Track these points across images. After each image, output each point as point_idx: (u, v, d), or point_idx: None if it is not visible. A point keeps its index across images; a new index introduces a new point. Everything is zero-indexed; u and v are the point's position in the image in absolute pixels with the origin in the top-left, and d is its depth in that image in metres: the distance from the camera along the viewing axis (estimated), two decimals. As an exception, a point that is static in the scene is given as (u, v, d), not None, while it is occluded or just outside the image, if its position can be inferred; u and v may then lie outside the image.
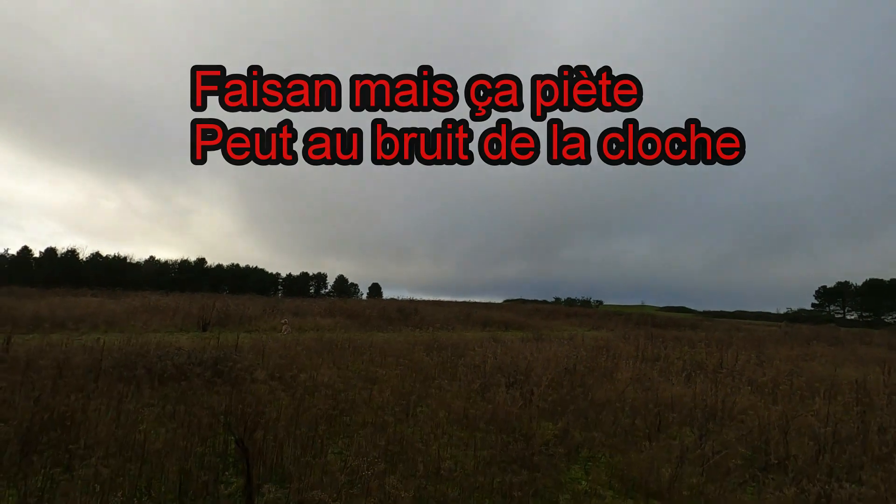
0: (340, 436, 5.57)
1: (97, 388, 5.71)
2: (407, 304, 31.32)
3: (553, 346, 12.38)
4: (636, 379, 8.84)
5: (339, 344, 11.70)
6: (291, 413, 5.81)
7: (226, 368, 7.09)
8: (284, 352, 10.26)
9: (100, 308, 17.37)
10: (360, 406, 6.51)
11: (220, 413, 5.22)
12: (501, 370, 8.69)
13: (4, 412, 4.80)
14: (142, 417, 5.05)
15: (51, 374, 5.74)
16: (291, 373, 7.90)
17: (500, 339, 14.92)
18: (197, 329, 15.18)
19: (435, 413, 6.29)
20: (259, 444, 4.47)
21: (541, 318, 30.66)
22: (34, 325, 13.15)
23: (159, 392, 5.98)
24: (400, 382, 7.82)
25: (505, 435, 5.55)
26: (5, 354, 7.79)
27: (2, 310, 15.23)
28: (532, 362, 9.39)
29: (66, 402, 4.85)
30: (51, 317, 14.21)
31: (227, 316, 17.84)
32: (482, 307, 39.42)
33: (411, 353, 10.54)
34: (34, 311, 15.03)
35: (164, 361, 7.11)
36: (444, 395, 7.17)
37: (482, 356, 9.76)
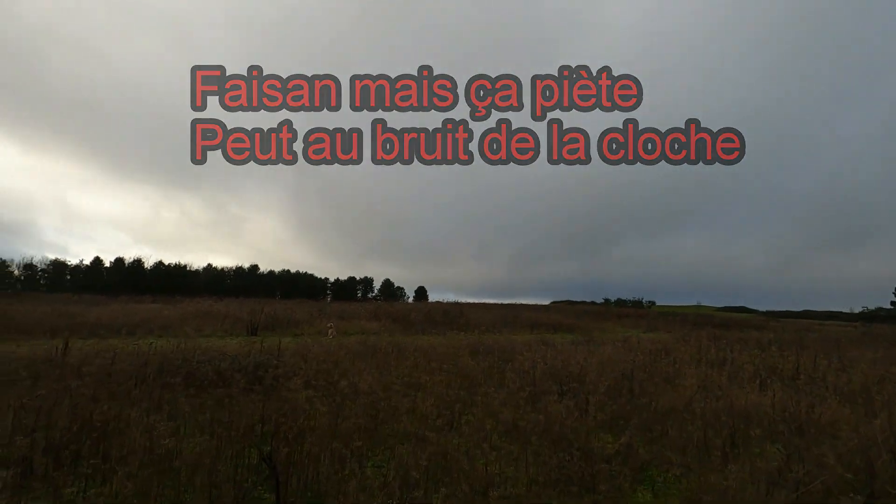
0: (381, 447, 5.24)
1: (138, 395, 5.65)
2: (452, 307, 31.00)
3: (606, 350, 11.64)
4: (703, 386, 8.03)
5: (382, 348, 11.46)
6: (329, 422, 5.53)
7: (266, 374, 6.93)
8: (327, 356, 10.10)
9: (156, 314, 18.06)
10: (401, 415, 6.16)
11: (257, 422, 4.99)
12: (552, 376, 8.13)
13: (49, 419, 4.75)
14: (178, 425, 4.90)
15: (94, 381, 5.73)
16: (332, 379, 7.67)
17: (549, 343, 14.26)
18: (246, 333, 15.44)
19: (481, 423, 5.84)
20: (293, 457, 4.18)
21: (591, 320, 29.52)
22: (95, 330, 13.73)
23: (198, 399, 5.86)
24: (444, 389, 7.42)
25: (560, 450, 5.02)
26: (62, 359, 8.01)
27: (70, 316, 16.09)
28: (585, 367, 8.76)
29: (106, 409, 4.77)
30: (111, 323, 14.84)
31: (275, 320, 18.11)
32: (529, 309, 38.57)
33: (456, 358, 10.14)
34: (97, 318, 15.77)
35: (206, 367, 7.05)
36: (490, 403, 6.71)
37: (531, 361, 9.21)
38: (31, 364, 7.36)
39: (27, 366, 7.14)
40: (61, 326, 13.66)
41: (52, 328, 13.44)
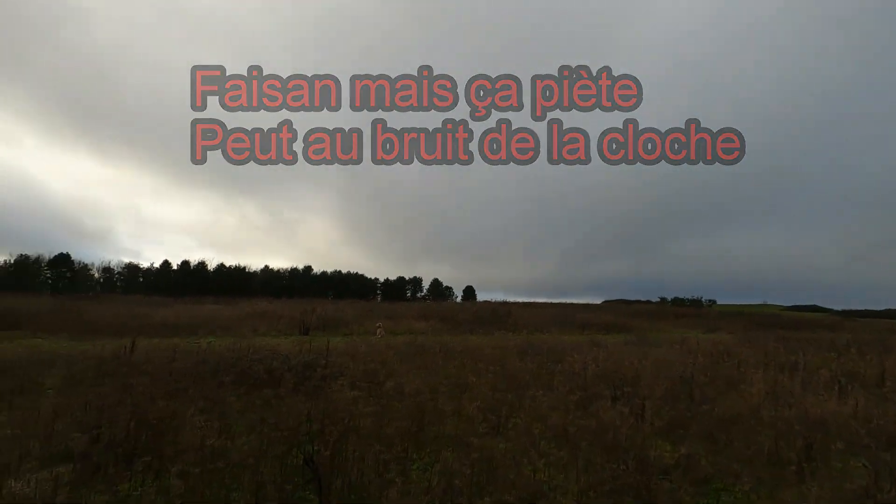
0: (426, 450, 5.15)
1: (192, 394, 5.86)
2: (500, 307, 30.69)
3: (662, 351, 11.07)
4: (772, 392, 7.42)
5: (429, 348, 11.43)
6: (375, 423, 5.51)
7: (314, 374, 7.03)
8: (375, 356, 10.18)
9: (216, 314, 18.95)
10: (447, 417, 6.05)
11: (303, 422, 5.03)
12: (604, 379, 7.78)
13: (108, 416, 4.99)
14: (229, 424, 5.03)
15: (153, 379, 6.00)
16: (378, 379, 7.69)
17: (600, 343, 13.75)
18: (298, 333, 15.90)
19: (529, 427, 5.63)
20: (337, 459, 4.17)
21: (645, 320, 28.34)
22: (160, 330, 14.56)
23: (248, 398, 6.00)
24: (490, 392, 7.26)
25: (613, 458, 4.75)
26: (129, 358, 8.50)
27: (139, 317, 17.18)
28: (639, 370, 8.33)
29: (162, 407, 4.95)
30: (175, 323, 15.69)
31: (326, 320, 18.55)
32: (580, 309, 37.57)
33: (503, 359, 9.94)
34: (163, 318, 16.73)
35: (258, 366, 7.24)
36: (538, 406, 6.49)
37: (581, 362, 8.87)
38: (100, 362, 7.85)
39: (96, 364, 7.62)
40: (131, 326, 14.58)
41: (123, 328, 14.38)
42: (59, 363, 7.88)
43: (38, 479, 3.25)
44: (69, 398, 5.66)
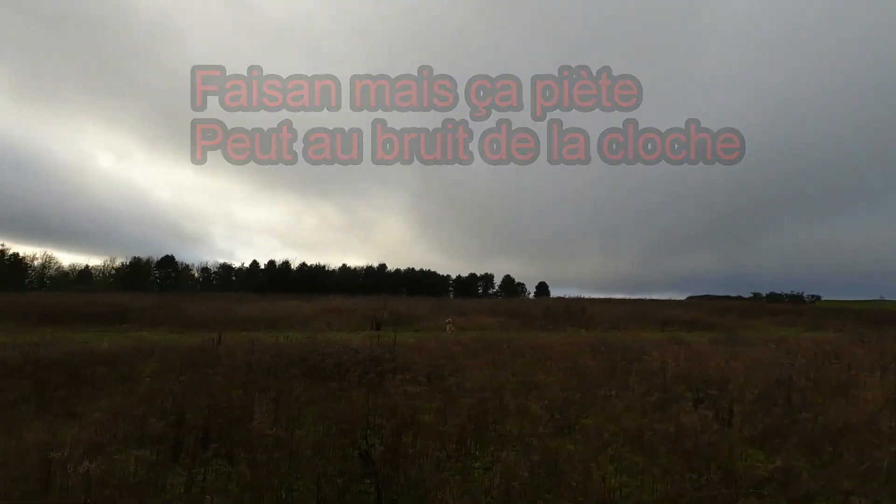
0: (489, 448, 4.99)
1: (267, 384, 6.14)
2: (574, 303, 29.69)
3: (756, 351, 10.04)
4: (892, 399, 6.43)
5: (497, 344, 11.24)
6: (437, 419, 5.44)
7: (379, 368, 7.12)
8: (442, 351, 10.18)
9: (296, 310, 20.03)
10: (513, 414, 5.85)
11: (367, 414, 5.08)
12: (686, 379, 7.17)
13: (193, 402, 5.34)
14: (296, 414, 5.19)
15: (228, 370, 6.35)
16: (444, 374, 7.65)
17: (682, 341, 12.79)
18: (370, 328, 16.36)
19: (600, 429, 5.29)
20: (397, 454, 4.14)
21: (735, 317, 26.09)
22: (245, 325, 15.61)
23: (318, 389, 6.19)
24: (560, 389, 6.95)
25: (695, 467, 4.31)
26: (216, 349, 9.14)
27: (227, 312, 18.56)
28: (727, 371, 7.59)
29: (237, 395, 5.22)
30: (258, 318, 16.76)
31: (398, 316, 18.93)
32: (660, 305, 35.46)
33: (574, 356, 9.52)
34: (248, 313, 17.95)
35: (328, 360, 7.46)
36: (611, 407, 6.09)
37: (660, 361, 8.25)
38: (190, 353, 8.49)
39: (186, 355, 8.25)
40: (219, 321, 15.78)
41: (213, 322, 15.59)
42: (157, 354, 8.64)
43: (121, 459, 3.52)
44: (161, 385, 6.16)
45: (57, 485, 3.17)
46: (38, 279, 72.15)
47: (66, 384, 5.95)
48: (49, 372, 6.38)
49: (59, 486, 3.15)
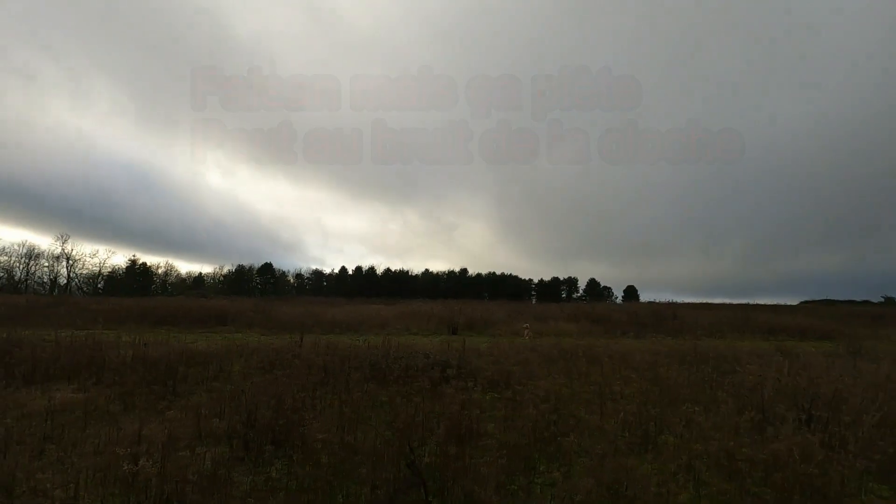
0: (556, 461, 4.72)
1: (337, 385, 6.33)
2: (664, 308, 27.76)
3: (885, 367, 8.63)
4: None
5: (574, 351, 10.75)
6: (501, 429, 5.27)
7: (448, 374, 7.08)
8: (516, 357, 9.92)
9: (377, 314, 20.74)
10: (583, 428, 5.51)
11: (426, 419, 5.04)
12: (790, 398, 6.33)
13: (268, 402, 5.62)
14: (359, 417, 5.28)
15: (305, 371, 6.63)
16: (514, 382, 7.44)
17: (790, 352, 11.38)
18: (447, 333, 16.47)
19: (681, 449, 4.80)
20: (457, 462, 4.04)
21: (860, 325, 22.80)
22: (330, 327, 16.43)
23: (385, 392, 6.27)
24: (638, 403, 6.44)
25: (794, 499, 3.76)
26: (298, 350, 9.65)
27: (314, 315, 19.66)
28: (844, 389, 6.59)
29: (304, 397, 5.43)
30: (342, 321, 17.57)
31: (475, 321, 18.89)
32: (766, 310, 32.04)
33: (658, 366, 8.82)
34: (332, 317, 18.87)
35: (396, 364, 7.57)
36: (696, 425, 5.51)
37: (758, 375, 7.36)
38: (275, 354, 9.03)
39: (271, 356, 8.79)
40: (306, 324, 16.76)
41: (301, 325, 16.59)
42: (246, 354, 9.31)
43: (189, 456, 3.78)
44: (241, 385, 6.60)
45: (130, 479, 3.46)
46: (162, 285, 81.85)
47: (162, 381, 6.58)
48: (152, 370, 7.10)
49: (132, 480, 3.44)
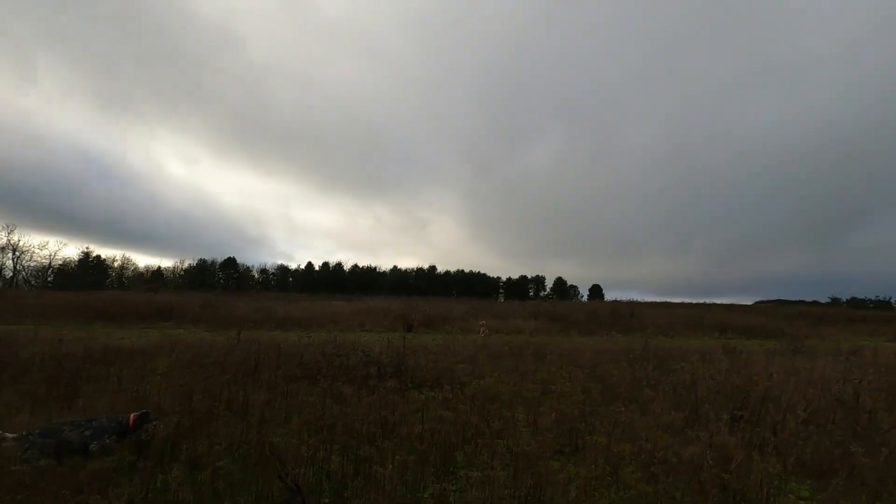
0: (477, 466, 4.45)
1: (269, 384, 5.94)
2: (622, 307, 28.15)
3: (820, 364, 8.81)
4: None
5: (525, 348, 10.62)
6: (430, 430, 4.99)
7: (388, 372, 6.80)
8: (465, 355, 9.71)
9: (336, 310, 20.20)
10: (516, 427, 5.30)
11: (358, 418, 4.72)
12: (724, 396, 6.30)
13: (180, 400, 5.19)
14: (276, 418, 4.91)
15: (232, 369, 6.20)
16: (457, 380, 7.22)
17: (734, 350, 11.58)
18: (402, 330, 16.12)
19: (609, 450, 4.63)
20: (370, 469, 3.73)
21: (806, 325, 23.70)
22: (280, 323, 15.85)
23: (312, 391, 5.91)
24: (578, 401, 6.30)
25: (718, 499, 3.62)
26: (236, 345, 9.16)
27: (269, 311, 18.97)
28: (776, 387, 6.62)
29: (223, 397, 5.02)
30: (297, 317, 16.98)
31: (433, 318, 18.61)
32: (719, 309, 33.02)
33: (605, 364, 8.75)
34: (287, 313, 18.25)
35: (335, 361, 7.22)
36: (629, 424, 5.39)
37: (695, 374, 7.35)
38: (209, 351, 8.52)
39: (204, 353, 8.27)
40: (256, 320, 16.14)
41: (251, 321, 15.97)
42: (178, 350, 8.75)
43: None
44: (167, 382, 6.12)
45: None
46: (118, 279, 78.35)
47: (69, 380, 6.02)
48: (60, 368, 6.51)
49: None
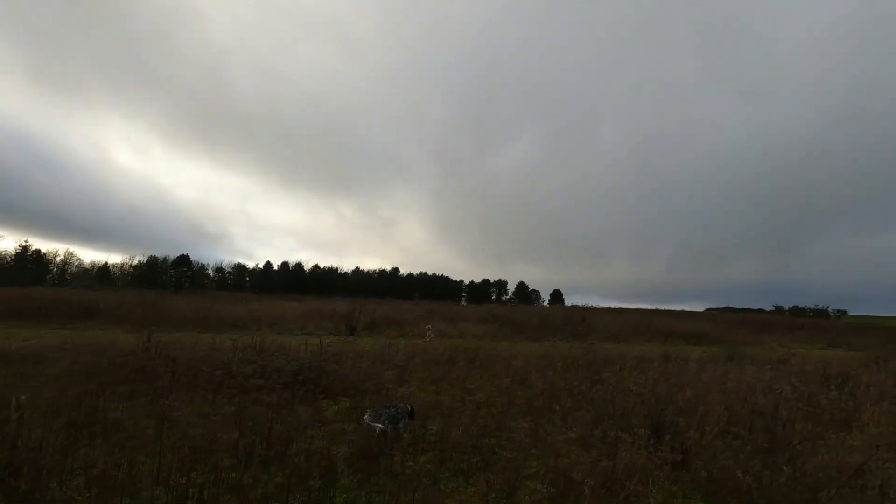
0: (369, 487, 4.05)
1: (165, 393, 5.35)
2: (574, 312, 28.43)
3: (748, 372, 8.86)
4: (887, 443, 5.31)
5: (463, 354, 10.29)
6: (331, 446, 4.55)
7: (303, 379, 6.32)
8: (397, 360, 9.29)
9: (282, 311, 19.36)
10: (418, 443, 4.92)
11: (255, 433, 4.22)
12: (649, 405, 6.12)
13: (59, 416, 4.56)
14: (161, 434, 4.36)
15: (127, 375, 5.57)
16: (382, 389, 6.82)
17: (675, 357, 11.65)
18: (345, 333, 15.54)
19: (519, 467, 4.32)
20: (241, 495, 3.27)
21: (749, 331, 24.53)
22: (215, 325, 14.96)
23: (219, 400, 5.36)
24: (499, 412, 6.00)
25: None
26: (143, 350, 8.40)
27: (207, 311, 17.95)
28: (702, 396, 6.53)
29: (102, 408, 4.43)
30: (232, 319, 16.10)
31: (381, 320, 18.09)
32: (670, 316, 33.86)
33: (533, 371, 8.52)
34: (230, 313, 17.31)
35: (246, 368, 6.67)
36: (547, 437, 5.12)
37: (628, 380, 7.19)
38: (113, 355, 7.76)
39: (106, 357, 7.52)
40: (191, 320, 15.21)
41: (185, 321, 15.03)
42: (81, 353, 7.95)
43: None
44: (51, 392, 5.43)
45: None
46: (60, 275, 73.51)
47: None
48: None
49: None
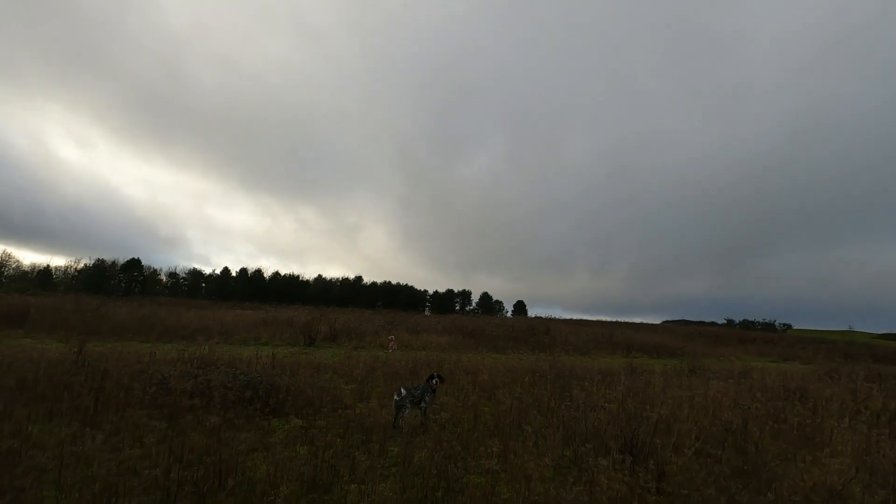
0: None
1: (79, 414, 4.65)
2: (538, 323, 28.43)
3: (714, 385, 8.80)
4: (866, 456, 5.23)
5: (426, 367, 9.85)
6: (280, 471, 4.01)
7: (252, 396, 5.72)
8: (357, 374, 8.76)
9: (235, 320, 18.33)
10: (377, 468, 4.46)
11: (196, 456, 3.63)
12: (621, 424, 5.86)
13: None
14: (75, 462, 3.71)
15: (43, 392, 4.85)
16: (340, 404, 6.30)
17: (639, 370, 11.58)
18: (303, 343, 14.77)
19: (487, 497, 3.92)
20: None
21: (704, 344, 25.12)
22: (162, 334, 13.93)
23: (154, 418, 4.72)
24: (465, 430, 5.59)
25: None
26: (77, 359, 7.55)
27: (154, 319, 16.78)
28: (672, 414, 6.33)
29: None
30: (180, 328, 15.04)
31: (342, 331, 17.37)
32: (630, 328, 34.45)
33: (505, 384, 8.18)
34: (175, 322, 16.19)
35: (187, 383, 6.00)
36: (517, 460, 4.73)
37: (597, 396, 6.94)
38: (33, 367, 6.92)
39: (26, 369, 6.68)
40: (134, 328, 14.11)
41: (127, 329, 13.92)
42: None
43: None
44: None
45: None
46: (-6, 278, 68.33)
47: None
48: None
49: None
